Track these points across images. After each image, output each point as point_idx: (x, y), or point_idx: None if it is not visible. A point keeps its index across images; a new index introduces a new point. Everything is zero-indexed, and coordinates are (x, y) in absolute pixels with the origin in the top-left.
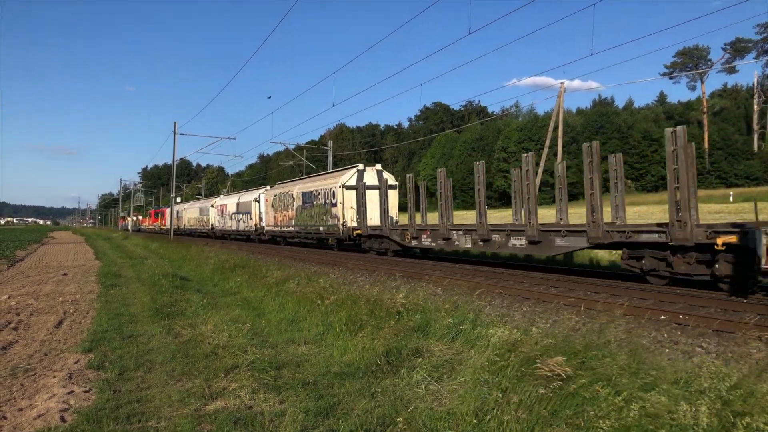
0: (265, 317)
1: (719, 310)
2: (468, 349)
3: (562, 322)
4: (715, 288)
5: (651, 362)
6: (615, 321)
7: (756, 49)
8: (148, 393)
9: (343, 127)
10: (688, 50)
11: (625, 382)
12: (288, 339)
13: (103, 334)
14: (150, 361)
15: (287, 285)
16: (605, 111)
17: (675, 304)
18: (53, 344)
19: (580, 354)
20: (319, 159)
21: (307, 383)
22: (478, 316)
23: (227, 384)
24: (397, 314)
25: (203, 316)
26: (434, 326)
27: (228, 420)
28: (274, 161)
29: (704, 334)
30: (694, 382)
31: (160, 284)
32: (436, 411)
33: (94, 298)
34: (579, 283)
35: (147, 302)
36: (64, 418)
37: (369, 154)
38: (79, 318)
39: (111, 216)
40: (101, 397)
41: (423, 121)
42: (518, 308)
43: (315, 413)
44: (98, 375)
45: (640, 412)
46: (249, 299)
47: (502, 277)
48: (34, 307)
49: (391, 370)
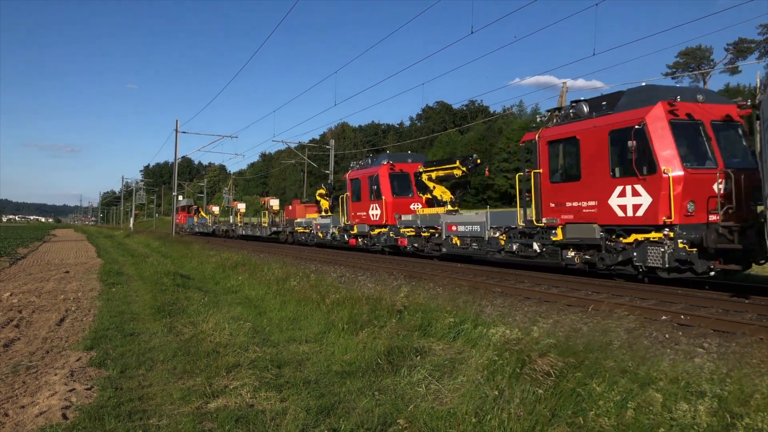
0: (266, 315)
1: (720, 311)
2: (469, 348)
3: (563, 322)
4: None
5: (652, 362)
6: (617, 321)
7: (759, 49)
8: (149, 391)
9: (345, 125)
10: (691, 50)
11: (625, 382)
12: (289, 338)
13: (104, 332)
14: (151, 359)
15: (288, 283)
16: None
17: (676, 305)
18: (55, 342)
19: (581, 354)
20: (321, 158)
21: (308, 382)
22: (479, 316)
23: (228, 382)
24: (398, 313)
25: (204, 315)
26: (435, 325)
27: (229, 418)
28: (275, 160)
29: (706, 335)
30: (694, 383)
31: (162, 282)
32: (437, 410)
33: (95, 295)
34: (580, 284)
35: (148, 300)
36: (65, 415)
37: (371, 152)
38: (80, 316)
39: (113, 214)
40: (103, 395)
41: (425, 120)
42: (519, 308)
43: (316, 412)
44: (100, 372)
45: (639, 412)
46: (250, 297)
47: (503, 276)
48: (36, 305)
49: (392, 369)
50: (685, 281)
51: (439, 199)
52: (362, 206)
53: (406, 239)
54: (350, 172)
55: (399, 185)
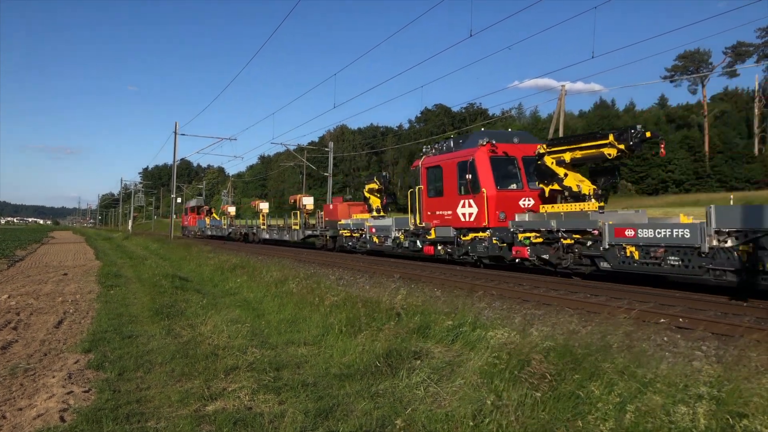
0: (265, 318)
1: (719, 314)
2: (468, 351)
3: (561, 325)
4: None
5: (650, 365)
6: (615, 324)
7: (757, 53)
8: (147, 393)
9: (344, 128)
10: (690, 54)
11: (624, 384)
12: (287, 340)
13: (102, 334)
14: (150, 362)
15: (287, 285)
16: (606, 113)
17: (674, 307)
18: (53, 344)
19: (579, 357)
20: (319, 160)
21: (306, 384)
22: (477, 318)
23: (227, 385)
24: (397, 316)
25: (203, 317)
26: (434, 328)
27: (227, 421)
28: (274, 162)
29: (704, 338)
30: (692, 385)
31: (160, 284)
32: (435, 413)
33: (94, 298)
34: (578, 286)
35: (147, 302)
36: (63, 418)
37: (369, 155)
38: (79, 318)
39: (111, 216)
40: (101, 397)
41: (424, 123)
42: (518, 310)
43: (314, 414)
44: (98, 375)
45: (638, 414)
46: (249, 300)
47: (502, 279)
48: (34, 307)
49: (390, 371)
50: (684, 284)
51: (574, 191)
52: (445, 203)
53: (526, 248)
54: (424, 159)
55: (504, 173)
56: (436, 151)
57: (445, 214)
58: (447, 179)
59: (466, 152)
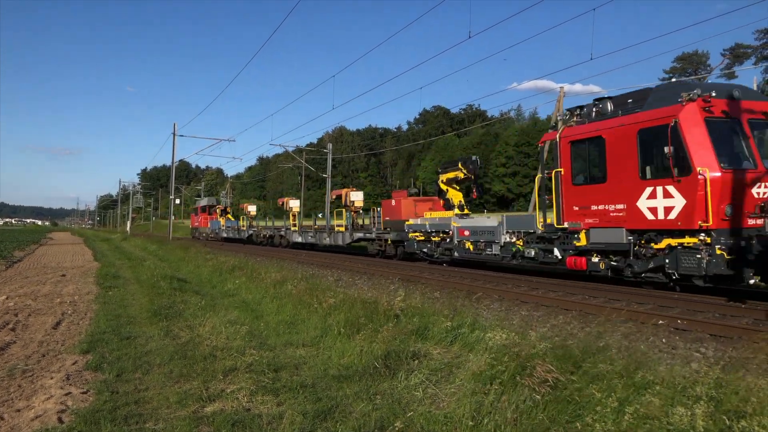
0: (264, 319)
1: (717, 315)
2: (466, 352)
3: (560, 326)
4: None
5: (649, 366)
6: (614, 325)
7: (755, 54)
8: (146, 394)
9: (343, 129)
10: (688, 55)
11: (622, 386)
12: (286, 341)
13: (101, 336)
14: (148, 363)
15: (285, 287)
16: None
17: (673, 309)
18: (51, 345)
19: (578, 358)
20: (318, 161)
21: (305, 386)
22: (476, 320)
23: (225, 386)
24: (395, 317)
25: (201, 318)
26: (433, 329)
27: (226, 422)
28: (273, 163)
29: (703, 339)
30: (690, 387)
31: (159, 286)
32: (433, 414)
33: (92, 299)
34: (577, 287)
35: (145, 304)
36: (61, 419)
37: (368, 156)
38: (77, 319)
39: (110, 217)
40: (99, 399)
41: (422, 124)
42: (516, 312)
43: (313, 416)
44: (96, 376)
45: (636, 416)
46: (247, 301)
47: (501, 281)
48: (32, 308)
49: (389, 373)
50: (684, 285)
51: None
52: (610, 192)
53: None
54: (563, 129)
55: (728, 145)
56: (583, 117)
57: (609, 209)
58: (614, 156)
59: (659, 112)
